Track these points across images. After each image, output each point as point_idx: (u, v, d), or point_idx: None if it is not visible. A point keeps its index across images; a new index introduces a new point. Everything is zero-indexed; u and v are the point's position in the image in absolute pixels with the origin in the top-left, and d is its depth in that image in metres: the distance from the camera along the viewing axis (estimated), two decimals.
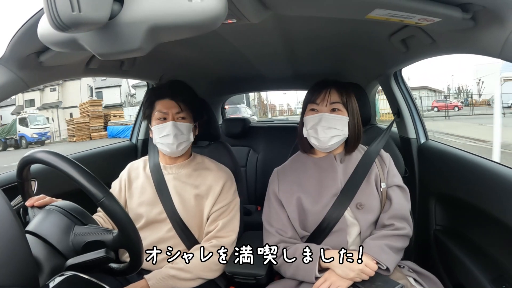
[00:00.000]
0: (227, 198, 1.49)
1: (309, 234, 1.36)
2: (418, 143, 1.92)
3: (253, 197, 2.83)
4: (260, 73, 2.42)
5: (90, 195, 0.83)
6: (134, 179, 1.55)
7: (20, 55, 1.02)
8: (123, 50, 0.61)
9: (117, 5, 0.56)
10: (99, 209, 1.48)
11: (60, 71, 1.24)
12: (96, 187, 0.83)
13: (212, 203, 1.46)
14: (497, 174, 1.27)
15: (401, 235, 1.27)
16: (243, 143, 2.94)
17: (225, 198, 1.49)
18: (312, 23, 1.30)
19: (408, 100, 1.97)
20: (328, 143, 1.33)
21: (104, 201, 0.83)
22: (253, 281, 1.35)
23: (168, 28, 0.58)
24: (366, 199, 1.34)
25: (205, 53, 1.80)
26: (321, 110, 1.35)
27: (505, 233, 1.20)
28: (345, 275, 1.16)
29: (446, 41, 1.10)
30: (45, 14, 0.54)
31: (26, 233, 0.79)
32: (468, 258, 1.41)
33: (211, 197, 1.46)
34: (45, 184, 1.49)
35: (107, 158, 2.06)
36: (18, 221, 0.69)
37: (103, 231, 0.92)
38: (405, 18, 0.88)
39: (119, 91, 33.80)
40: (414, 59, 1.47)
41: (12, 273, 0.65)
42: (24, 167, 0.97)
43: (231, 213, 1.50)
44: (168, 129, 1.41)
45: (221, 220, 1.45)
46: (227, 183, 1.51)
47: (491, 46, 0.86)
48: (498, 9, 0.77)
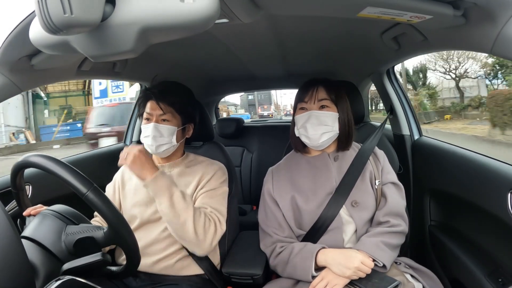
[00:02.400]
0: (214, 184, 1.47)
1: (305, 233, 1.36)
2: (412, 140, 1.93)
3: (248, 197, 2.83)
4: (253, 72, 2.42)
5: (74, 190, 0.82)
6: (128, 181, 1.54)
7: (11, 58, 1.01)
8: (116, 52, 0.60)
9: (109, 6, 0.56)
10: (95, 214, 1.48)
11: (52, 74, 1.23)
12: (79, 182, 0.82)
13: (199, 187, 1.45)
14: (489, 168, 1.29)
15: (396, 232, 1.28)
16: (237, 143, 2.95)
17: (214, 184, 1.47)
18: (304, 22, 1.31)
19: (401, 97, 1.98)
20: (319, 140, 1.33)
21: (88, 194, 0.82)
22: (250, 280, 1.35)
23: (161, 29, 0.57)
24: (361, 197, 1.34)
25: (197, 54, 1.80)
26: (310, 108, 1.36)
27: (499, 227, 1.21)
28: (341, 273, 1.17)
29: (437, 38, 1.11)
30: (37, 17, 0.54)
31: (22, 239, 0.78)
32: (463, 253, 1.42)
33: (201, 184, 1.45)
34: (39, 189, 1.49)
35: (101, 161, 2.05)
36: (14, 227, 0.69)
37: (93, 228, 0.92)
38: (397, 16, 0.89)
39: None
40: (406, 56, 1.48)
41: (9, 278, 0.65)
42: (16, 173, 0.97)
43: (217, 197, 1.46)
44: (149, 130, 1.40)
45: (209, 199, 1.42)
46: (218, 173, 1.50)
47: (483, 42, 0.86)
48: (488, 5, 0.78)
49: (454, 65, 19.52)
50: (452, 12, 0.83)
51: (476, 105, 17.05)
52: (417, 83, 21.88)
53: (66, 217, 0.96)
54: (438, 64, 20.13)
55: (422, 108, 18.71)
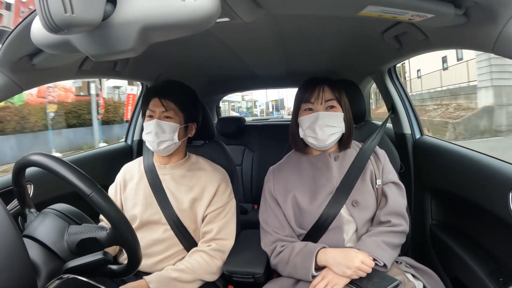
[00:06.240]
0: (222, 200, 1.48)
1: (305, 232, 1.36)
2: (413, 139, 1.93)
3: (249, 195, 2.84)
4: (254, 71, 2.42)
5: (79, 191, 0.82)
6: (129, 181, 1.54)
7: (13, 58, 1.01)
8: (117, 51, 0.60)
9: (110, 6, 0.56)
10: (101, 217, 1.48)
11: (54, 73, 1.23)
12: (84, 183, 0.82)
13: (206, 204, 1.45)
14: (490, 167, 1.29)
15: (397, 231, 1.28)
16: (238, 142, 2.95)
17: (220, 200, 1.48)
18: (305, 21, 1.30)
19: (403, 96, 1.98)
20: (327, 141, 1.33)
21: (93, 196, 0.81)
22: (251, 279, 1.35)
23: (162, 28, 0.57)
24: (361, 196, 1.34)
25: (198, 53, 1.80)
26: (317, 109, 1.34)
27: (500, 226, 1.21)
28: (342, 273, 1.17)
29: (439, 36, 1.11)
30: (38, 16, 0.54)
31: (23, 237, 0.79)
32: (464, 252, 1.42)
33: (206, 198, 1.45)
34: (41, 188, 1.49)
35: (102, 160, 2.05)
36: (15, 225, 0.69)
37: (97, 229, 0.92)
38: (398, 15, 0.88)
39: None
40: (408, 55, 1.48)
41: (11, 277, 0.65)
42: (18, 172, 0.97)
43: (227, 215, 1.49)
44: (151, 127, 1.41)
45: (217, 222, 1.45)
46: (222, 185, 1.50)
47: (484, 41, 0.86)
48: (490, 4, 0.77)
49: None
50: (454, 11, 0.83)
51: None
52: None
53: (68, 216, 0.96)
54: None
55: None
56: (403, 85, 2.01)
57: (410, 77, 20.76)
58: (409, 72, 20.86)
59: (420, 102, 15.72)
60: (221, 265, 1.40)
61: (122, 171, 1.60)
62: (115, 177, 1.59)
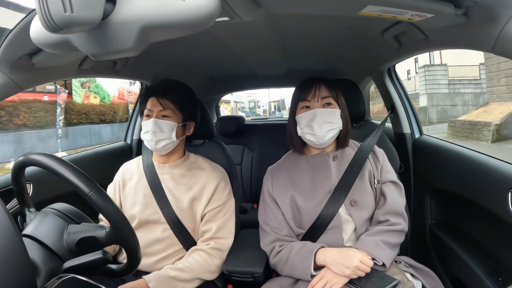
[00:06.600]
0: (221, 199, 1.48)
1: (304, 231, 1.36)
2: (412, 138, 1.93)
3: (249, 195, 2.83)
4: (254, 71, 2.42)
5: (78, 190, 0.81)
6: (128, 180, 1.54)
7: (12, 57, 1.01)
8: (116, 50, 0.60)
9: (109, 5, 0.56)
10: (100, 217, 1.48)
11: (53, 73, 1.23)
12: (82, 182, 0.82)
13: (205, 203, 1.45)
14: (490, 167, 1.29)
15: (396, 230, 1.28)
16: (237, 141, 2.94)
17: (219, 198, 1.48)
18: (305, 21, 1.30)
19: (402, 96, 1.98)
20: (325, 137, 1.33)
21: (92, 195, 0.81)
22: (250, 279, 1.35)
23: (161, 28, 0.57)
24: (360, 196, 1.34)
25: (198, 52, 1.80)
26: (314, 106, 1.35)
27: (500, 226, 1.21)
28: (340, 272, 1.17)
29: (438, 36, 1.10)
30: (37, 15, 0.54)
31: (22, 237, 0.78)
32: (464, 252, 1.42)
33: (205, 197, 1.45)
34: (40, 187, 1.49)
35: (102, 160, 2.05)
36: (15, 225, 0.69)
37: (96, 228, 0.91)
38: (398, 14, 0.88)
39: None
40: (407, 55, 1.48)
41: (10, 276, 0.65)
42: (18, 171, 0.96)
43: (226, 214, 1.49)
44: (149, 126, 1.41)
45: (216, 221, 1.45)
46: (221, 184, 1.50)
47: (484, 41, 0.86)
48: (490, 4, 0.77)
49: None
50: (453, 11, 0.83)
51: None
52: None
53: (67, 215, 0.96)
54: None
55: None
56: (403, 84, 2.01)
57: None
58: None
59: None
60: (220, 264, 1.40)
61: (121, 170, 1.60)
62: (114, 176, 1.59)
